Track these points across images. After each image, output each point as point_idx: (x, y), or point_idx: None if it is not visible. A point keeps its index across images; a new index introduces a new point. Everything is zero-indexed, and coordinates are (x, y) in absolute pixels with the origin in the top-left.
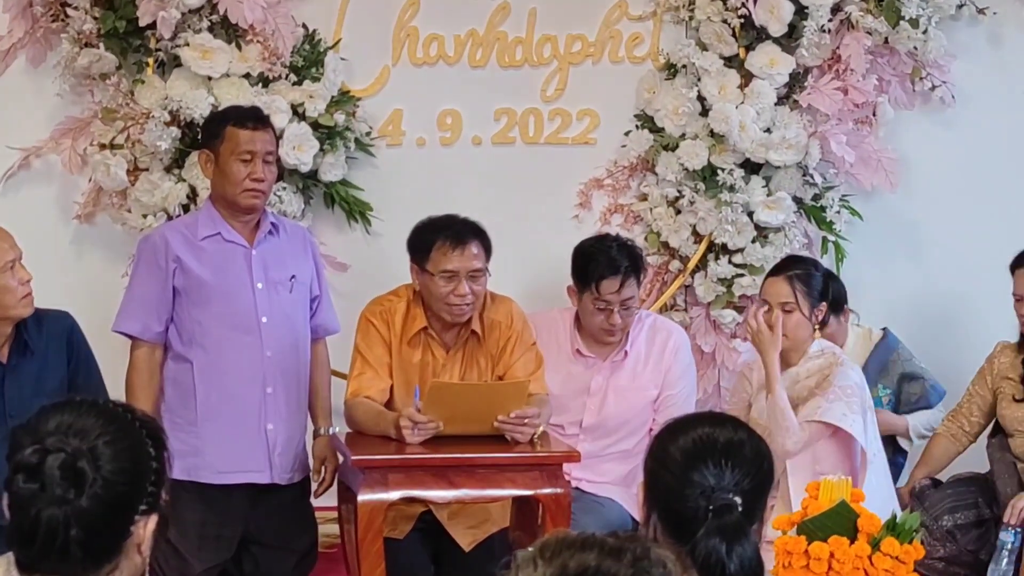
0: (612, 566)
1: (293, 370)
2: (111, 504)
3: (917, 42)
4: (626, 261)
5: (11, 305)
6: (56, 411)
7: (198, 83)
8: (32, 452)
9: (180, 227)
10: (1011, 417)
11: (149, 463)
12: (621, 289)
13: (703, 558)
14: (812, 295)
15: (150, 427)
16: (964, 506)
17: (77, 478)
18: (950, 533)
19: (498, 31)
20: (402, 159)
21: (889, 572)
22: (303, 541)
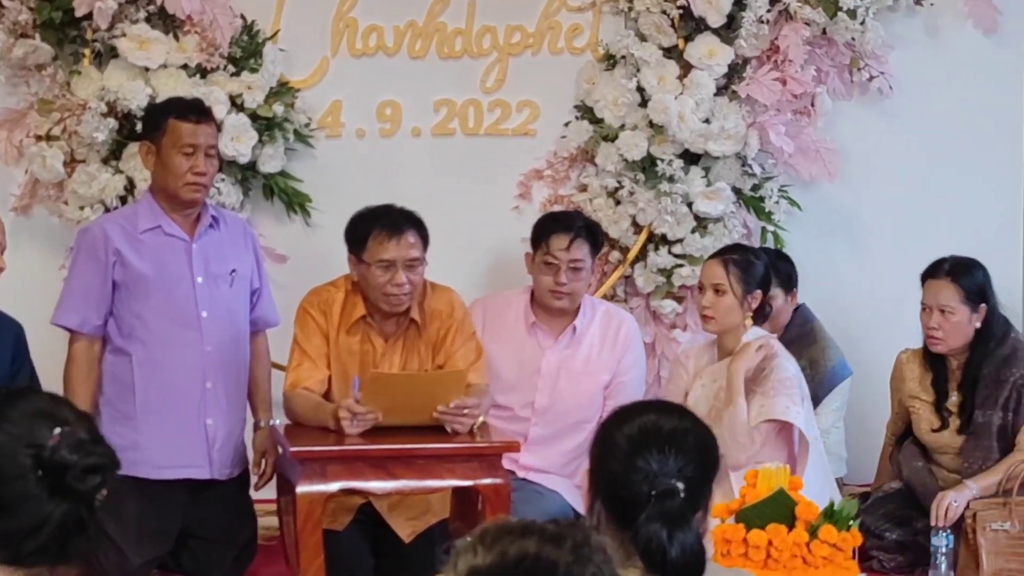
0: (552, 553)
1: (233, 364)
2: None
3: (855, 33)
4: (580, 223)
5: None
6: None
7: (135, 74)
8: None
9: (120, 219)
10: (931, 443)
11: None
12: (570, 247)
13: (644, 543)
14: (747, 281)
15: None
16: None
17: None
18: (900, 543)
19: (437, 22)
20: (341, 150)
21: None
22: (242, 534)
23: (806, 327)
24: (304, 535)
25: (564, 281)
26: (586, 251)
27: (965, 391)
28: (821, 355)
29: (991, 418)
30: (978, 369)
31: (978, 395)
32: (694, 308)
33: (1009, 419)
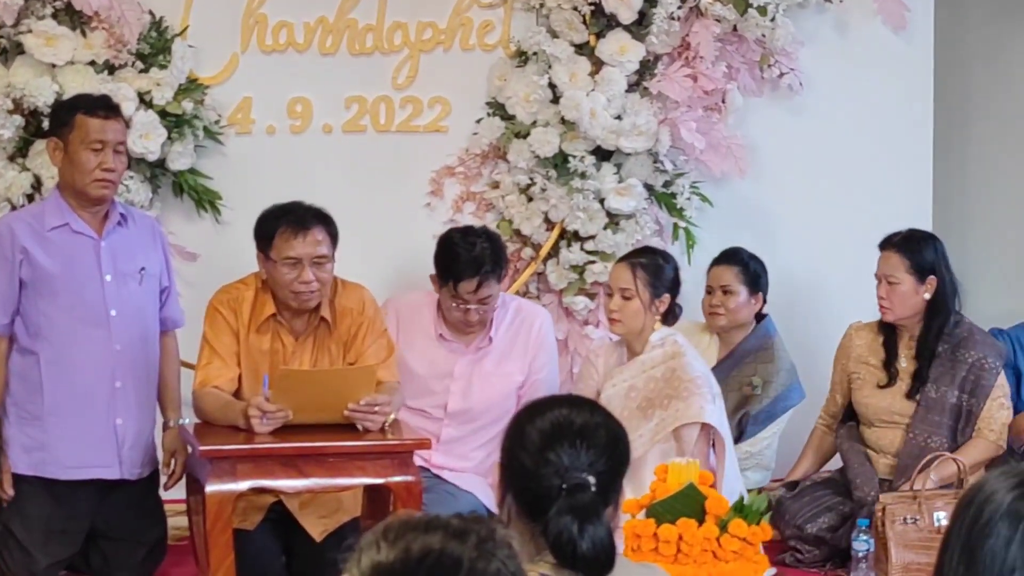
0: (456, 548)
1: (143, 363)
2: None
3: (765, 30)
4: (487, 263)
5: None
6: None
7: (42, 70)
8: None
9: (27, 217)
10: (873, 406)
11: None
12: (479, 290)
13: (555, 536)
14: (655, 286)
15: None
16: (823, 510)
17: None
18: (819, 538)
19: (348, 18)
20: (252, 147)
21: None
22: (152, 534)
23: (767, 341)
24: (214, 534)
25: (474, 318)
26: (494, 285)
27: (919, 361)
28: (775, 377)
29: (946, 395)
30: (934, 342)
31: (932, 370)
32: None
33: (964, 400)
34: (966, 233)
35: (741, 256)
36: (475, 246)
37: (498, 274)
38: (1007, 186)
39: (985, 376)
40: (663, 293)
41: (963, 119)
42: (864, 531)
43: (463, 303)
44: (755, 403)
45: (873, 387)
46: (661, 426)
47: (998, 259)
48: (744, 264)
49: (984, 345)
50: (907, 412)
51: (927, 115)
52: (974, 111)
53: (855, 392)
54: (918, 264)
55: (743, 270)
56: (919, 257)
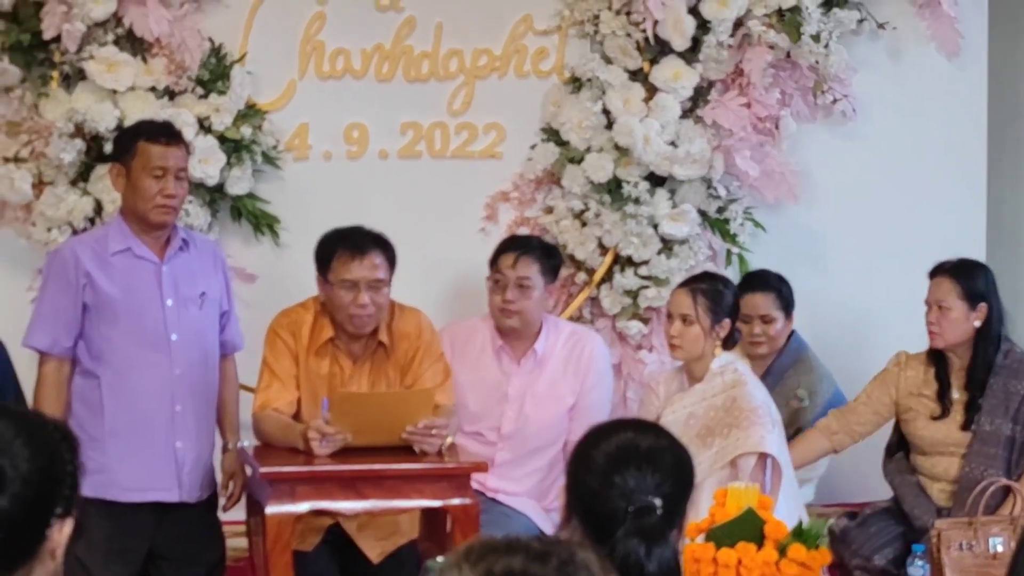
0: (539, 570)
1: (202, 387)
2: (29, 504)
3: (819, 56)
4: (532, 243)
5: None
6: None
7: (103, 96)
8: None
9: (90, 241)
10: (928, 437)
11: (65, 466)
12: (516, 264)
13: (622, 559)
14: (715, 311)
15: (64, 432)
16: (890, 540)
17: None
18: (885, 571)
19: (404, 45)
20: (309, 173)
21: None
22: (211, 555)
23: (801, 353)
24: (273, 556)
25: (511, 298)
26: (535, 270)
27: (971, 391)
28: (819, 385)
29: (1000, 427)
30: (984, 373)
31: (985, 402)
32: (660, 329)
33: (1018, 432)
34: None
35: (772, 281)
36: (524, 237)
37: (540, 261)
38: None
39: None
40: (723, 319)
41: (1017, 145)
42: (919, 557)
43: (502, 279)
44: (806, 415)
45: (927, 419)
46: (721, 455)
47: None
48: (778, 290)
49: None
50: (962, 443)
51: (981, 141)
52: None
53: (909, 424)
54: (970, 291)
55: (778, 296)
56: (971, 284)
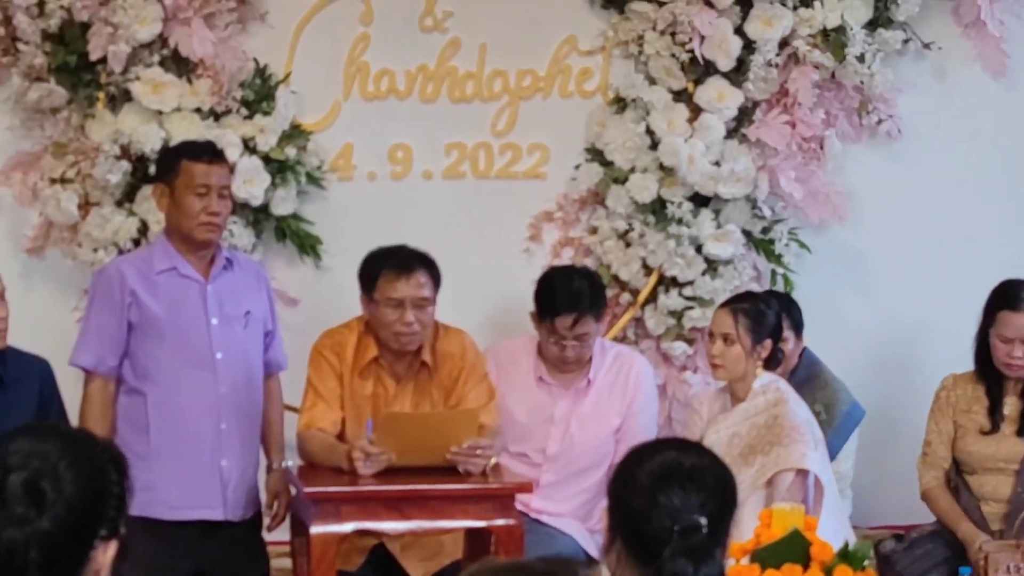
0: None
1: (247, 406)
2: (72, 526)
3: (864, 76)
4: (585, 300)
5: None
6: (18, 435)
7: (149, 117)
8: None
9: (135, 261)
10: (977, 453)
11: (111, 487)
12: (575, 326)
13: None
14: (757, 332)
15: (112, 453)
16: (937, 563)
17: (39, 498)
18: None
19: (449, 65)
20: (353, 193)
21: None
22: (255, 573)
23: (814, 369)
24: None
25: (571, 355)
26: (591, 322)
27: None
28: (835, 398)
29: None
30: None
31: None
32: (704, 350)
33: None
34: None
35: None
36: (573, 283)
37: (596, 312)
38: None
39: None
40: (764, 339)
41: None
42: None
43: (560, 339)
44: (827, 429)
45: (976, 434)
46: (762, 472)
47: None
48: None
49: None
50: (1015, 457)
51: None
52: None
53: (958, 441)
54: None
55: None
56: None
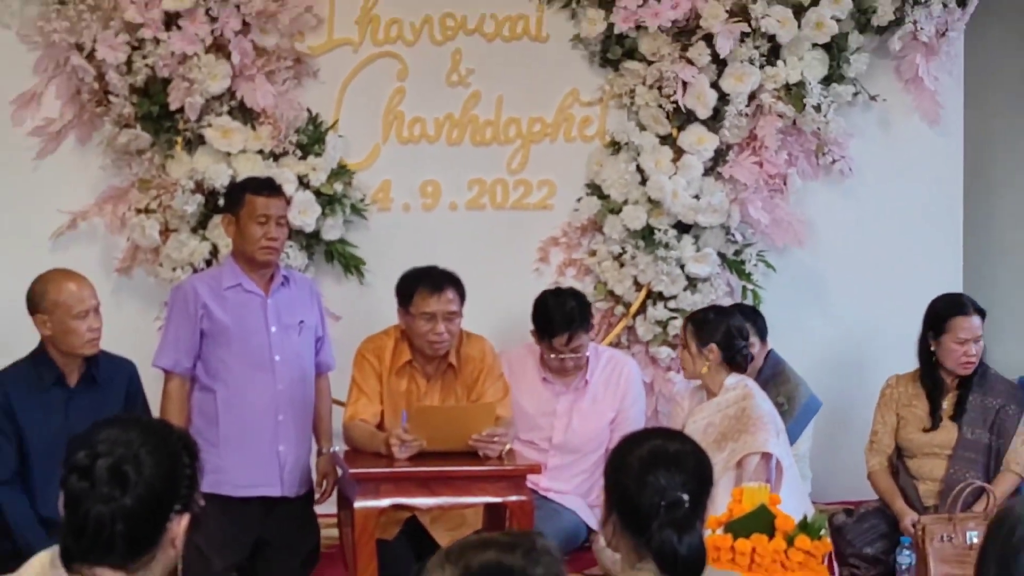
0: (508, 559)
1: (301, 400)
2: (150, 503)
3: (820, 124)
4: (576, 320)
5: (77, 345)
6: (107, 425)
7: (219, 158)
8: (85, 456)
9: (207, 279)
10: (917, 441)
11: (184, 470)
12: (570, 342)
13: (658, 546)
14: (701, 337)
15: (186, 440)
16: (880, 535)
17: (122, 480)
18: (876, 558)
19: (471, 114)
20: (391, 222)
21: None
22: (308, 543)
23: (778, 367)
24: (361, 544)
25: (569, 365)
26: (583, 336)
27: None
28: (795, 391)
29: (980, 437)
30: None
31: (967, 415)
32: None
33: (994, 441)
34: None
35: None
36: (565, 306)
37: (585, 327)
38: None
39: (1009, 420)
40: (709, 343)
41: (988, 198)
42: (907, 547)
43: (559, 354)
44: (788, 417)
45: (919, 428)
46: (732, 455)
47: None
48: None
49: (1007, 394)
50: (948, 444)
51: (958, 195)
52: (998, 191)
53: (902, 430)
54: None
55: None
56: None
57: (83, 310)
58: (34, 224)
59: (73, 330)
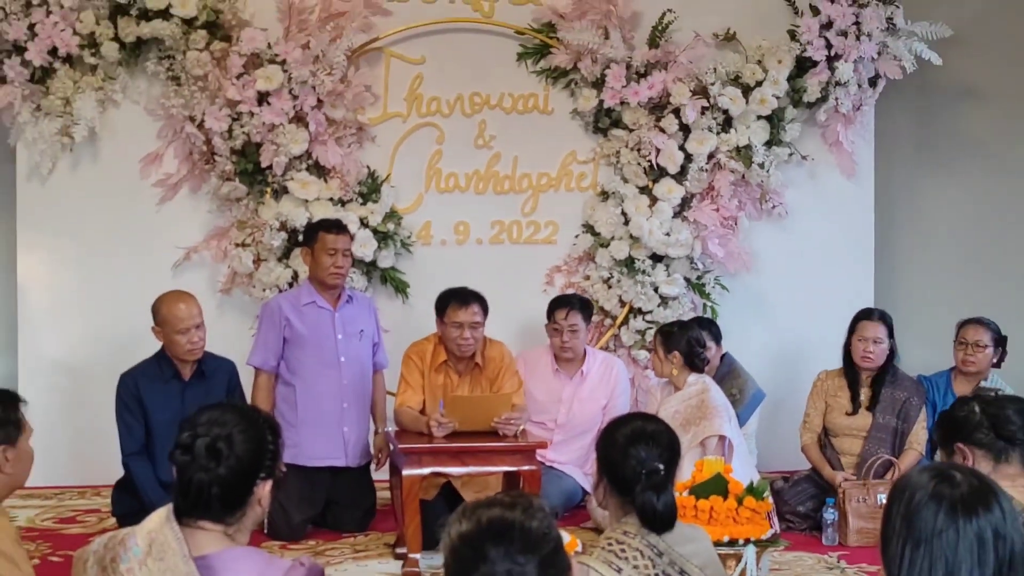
0: (509, 514)
1: (361, 392)
2: (240, 472)
3: (763, 177)
4: (576, 302)
5: (179, 354)
6: (207, 410)
7: (299, 204)
8: (188, 436)
9: (289, 297)
10: (841, 424)
11: (267, 446)
12: (568, 316)
13: (641, 504)
14: (666, 346)
15: (270, 423)
16: (809, 496)
17: (217, 454)
18: (806, 515)
19: (493, 170)
20: (431, 254)
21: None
22: (366, 502)
23: (732, 366)
24: (407, 503)
25: (567, 340)
26: (579, 318)
27: (872, 396)
28: (745, 386)
29: (889, 421)
30: (880, 386)
31: (880, 404)
32: None
33: (899, 425)
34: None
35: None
36: (569, 295)
37: (583, 313)
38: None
39: (912, 409)
40: (672, 350)
41: (893, 233)
42: (831, 507)
43: (558, 327)
44: (739, 405)
45: (842, 413)
46: (694, 437)
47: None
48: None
49: (911, 389)
50: (864, 428)
51: (870, 231)
52: (901, 227)
53: (828, 415)
54: (890, 328)
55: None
56: (890, 323)
57: (184, 327)
58: (158, 256)
59: (175, 342)
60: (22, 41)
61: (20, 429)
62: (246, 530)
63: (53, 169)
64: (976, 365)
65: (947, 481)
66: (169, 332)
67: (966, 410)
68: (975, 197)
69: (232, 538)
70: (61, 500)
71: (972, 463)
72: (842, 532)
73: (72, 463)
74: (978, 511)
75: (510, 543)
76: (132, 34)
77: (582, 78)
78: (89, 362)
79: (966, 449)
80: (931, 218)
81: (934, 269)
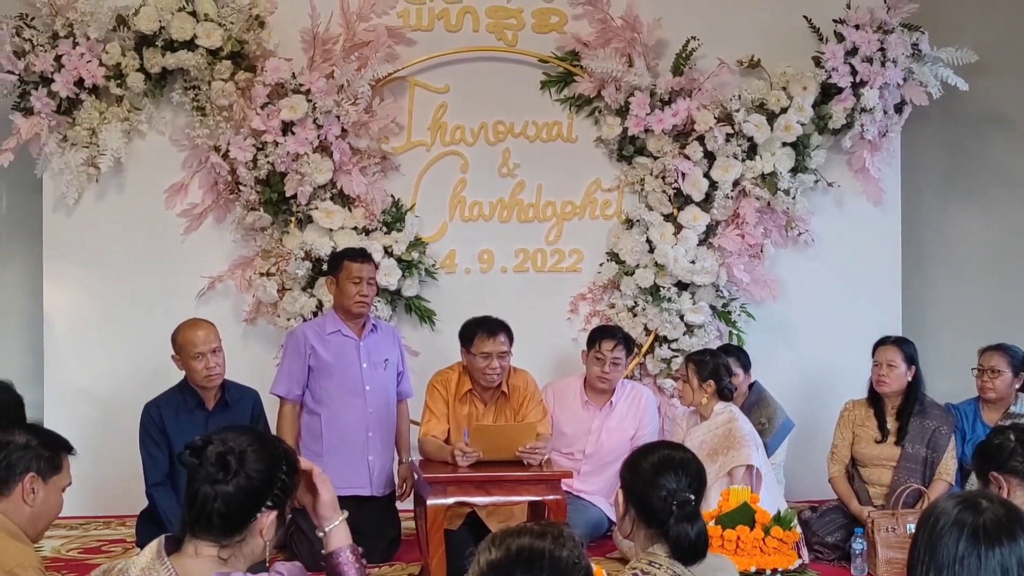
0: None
1: (386, 421)
2: (246, 493)
3: (789, 204)
4: (621, 334)
5: (196, 380)
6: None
7: (323, 233)
8: (200, 440)
9: (314, 326)
10: (869, 454)
11: (279, 474)
12: (614, 349)
13: (675, 537)
14: (700, 374)
15: (288, 454)
16: (838, 526)
17: (226, 466)
18: (835, 545)
19: (517, 198)
20: (455, 282)
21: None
22: (391, 531)
23: (760, 395)
24: (432, 533)
25: (607, 371)
26: (623, 353)
27: (900, 424)
28: (774, 415)
29: (918, 451)
30: (910, 413)
31: (909, 433)
32: None
33: (929, 454)
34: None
35: (732, 351)
36: (613, 326)
37: (626, 347)
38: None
39: (942, 438)
40: (707, 379)
41: (920, 260)
42: (860, 536)
43: (602, 359)
44: (768, 434)
45: (871, 442)
46: (722, 466)
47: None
48: (737, 356)
49: (940, 417)
50: (894, 457)
51: (896, 258)
52: (928, 254)
53: (856, 444)
54: (908, 355)
55: (737, 359)
56: (908, 350)
57: (200, 352)
58: (183, 284)
59: (191, 368)
60: (49, 72)
61: (56, 470)
62: (243, 558)
63: (79, 199)
64: (994, 391)
65: (972, 508)
66: (186, 358)
67: (1000, 438)
68: (1003, 224)
69: (226, 563)
70: (87, 530)
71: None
72: (871, 562)
73: (97, 493)
74: (1002, 540)
75: (539, 572)
76: (157, 65)
77: (606, 106)
78: (114, 392)
79: (1001, 478)
80: (959, 245)
81: (962, 297)
